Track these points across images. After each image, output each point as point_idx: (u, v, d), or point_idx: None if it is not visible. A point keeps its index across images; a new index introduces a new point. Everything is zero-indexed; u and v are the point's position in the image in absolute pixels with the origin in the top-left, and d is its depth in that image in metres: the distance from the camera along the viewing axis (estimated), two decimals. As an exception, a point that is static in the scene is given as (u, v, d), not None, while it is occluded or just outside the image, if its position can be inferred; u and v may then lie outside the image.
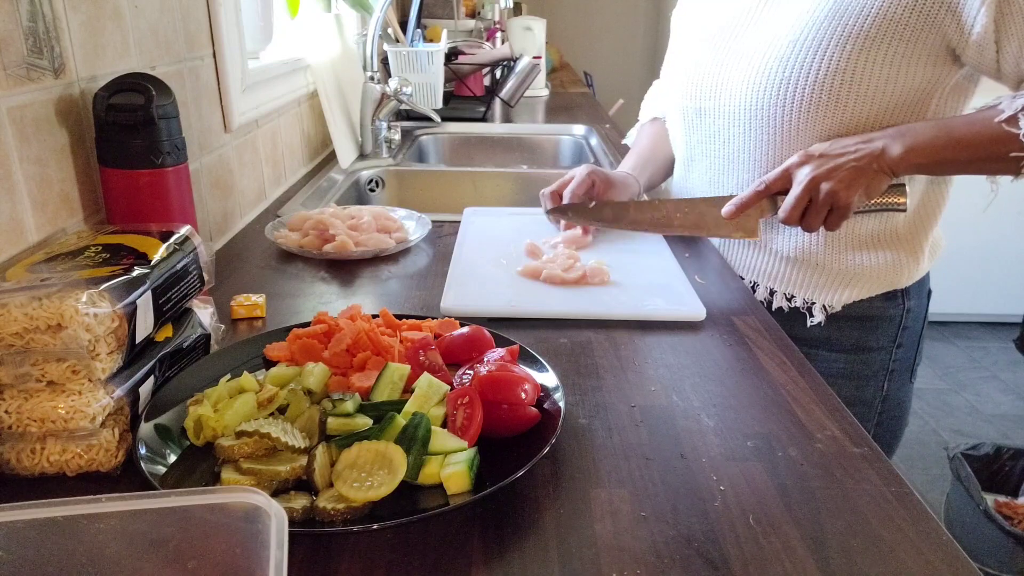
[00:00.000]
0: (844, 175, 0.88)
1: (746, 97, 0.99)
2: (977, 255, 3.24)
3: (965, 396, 2.83)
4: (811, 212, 0.91)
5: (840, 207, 0.89)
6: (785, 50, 0.94)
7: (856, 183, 0.88)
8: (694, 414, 0.68)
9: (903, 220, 1.00)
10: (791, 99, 0.94)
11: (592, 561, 0.50)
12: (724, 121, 1.03)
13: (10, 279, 0.58)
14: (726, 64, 1.02)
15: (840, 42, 0.90)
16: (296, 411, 0.61)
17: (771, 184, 0.94)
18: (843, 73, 0.91)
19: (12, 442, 0.56)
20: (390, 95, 1.69)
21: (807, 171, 0.90)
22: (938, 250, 1.08)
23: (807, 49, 0.92)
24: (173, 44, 0.99)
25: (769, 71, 0.96)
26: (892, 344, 1.06)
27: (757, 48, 0.98)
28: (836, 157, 0.89)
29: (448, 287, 0.93)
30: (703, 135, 1.08)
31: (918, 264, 1.03)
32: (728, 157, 1.05)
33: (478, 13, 3.26)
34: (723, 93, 1.02)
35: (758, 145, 1.00)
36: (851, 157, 0.89)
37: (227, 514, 0.42)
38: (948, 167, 0.91)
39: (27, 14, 0.70)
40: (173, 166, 0.81)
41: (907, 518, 0.55)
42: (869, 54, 0.90)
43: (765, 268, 1.07)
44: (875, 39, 0.89)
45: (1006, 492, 2.02)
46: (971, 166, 0.91)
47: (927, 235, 1.03)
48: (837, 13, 0.91)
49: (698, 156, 1.11)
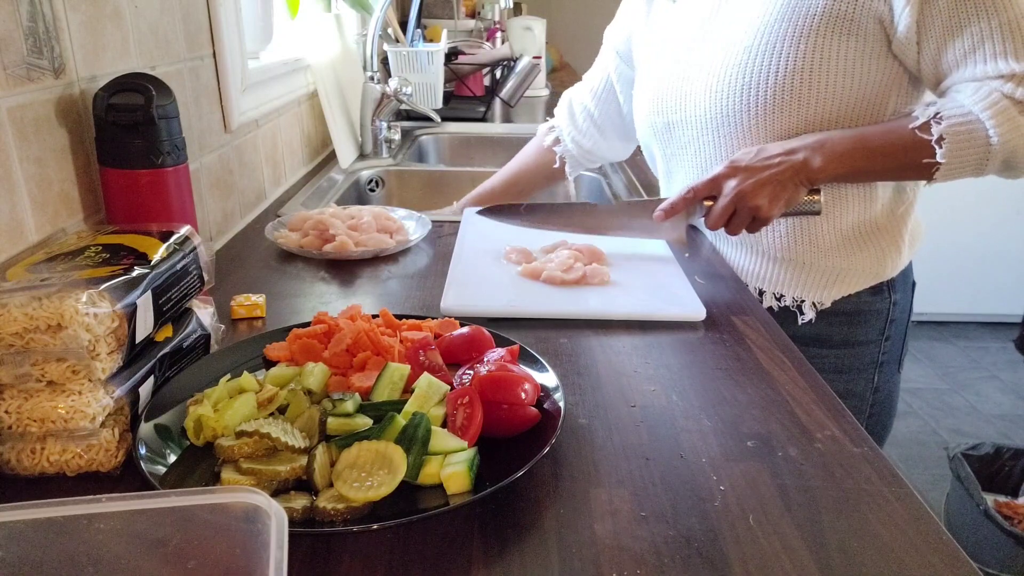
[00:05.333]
0: (768, 191, 0.93)
1: (711, 106, 1.01)
2: (977, 255, 3.24)
3: (965, 396, 2.83)
4: (735, 221, 0.96)
5: (762, 218, 0.94)
6: (742, 56, 0.97)
7: (778, 197, 0.93)
8: (694, 414, 0.68)
9: (880, 210, 1.02)
10: (754, 103, 0.97)
11: (592, 561, 0.50)
12: (693, 132, 1.05)
13: (10, 279, 0.58)
14: (687, 76, 1.04)
15: (793, 42, 0.93)
16: (296, 411, 0.61)
17: (699, 191, 0.98)
18: (800, 73, 0.93)
19: (12, 442, 0.56)
20: (390, 95, 1.69)
21: (733, 184, 0.94)
22: (918, 238, 1.11)
23: (763, 53, 0.95)
24: (173, 44, 0.99)
25: (729, 78, 0.98)
26: (880, 337, 1.08)
27: (715, 57, 1.00)
28: (760, 171, 0.93)
29: (448, 287, 0.93)
30: (675, 148, 1.11)
31: (900, 254, 1.06)
32: (702, 166, 1.07)
33: (478, 13, 3.26)
34: (687, 105, 1.04)
35: (728, 151, 1.02)
36: (774, 172, 0.93)
37: (227, 514, 0.42)
38: (867, 175, 0.96)
39: (27, 14, 0.70)
40: (173, 166, 0.81)
41: (907, 518, 0.55)
42: (822, 52, 0.92)
43: (753, 269, 1.08)
44: (825, 36, 0.92)
45: (1006, 492, 2.03)
46: (889, 174, 0.96)
47: (906, 224, 1.06)
48: (787, 15, 0.93)
49: (675, 169, 1.14)
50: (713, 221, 0.96)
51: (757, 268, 1.08)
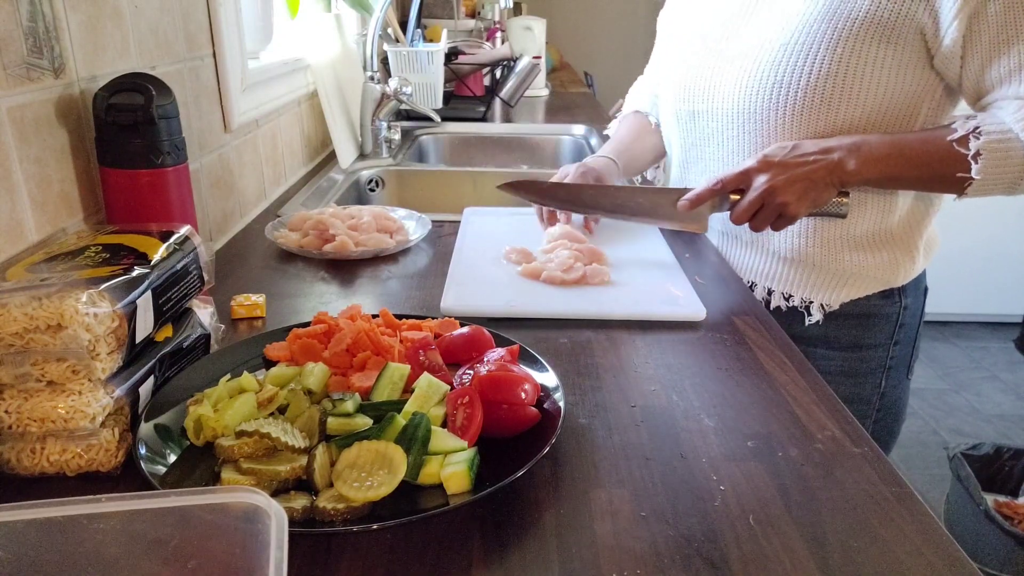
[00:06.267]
0: (798, 188, 0.90)
1: (738, 100, 1.00)
2: (977, 255, 3.23)
3: (965, 396, 2.83)
4: (760, 216, 0.93)
5: (789, 216, 0.92)
6: (776, 53, 0.95)
7: (807, 195, 0.91)
8: (694, 414, 0.68)
9: (897, 220, 1.01)
10: (783, 102, 0.96)
11: (592, 561, 0.50)
12: (717, 124, 1.04)
13: (10, 279, 0.58)
14: (718, 67, 1.03)
15: (830, 45, 0.91)
16: (296, 411, 0.61)
17: (727, 183, 0.95)
18: (834, 76, 0.92)
19: (12, 442, 0.56)
20: (390, 95, 1.69)
21: (764, 179, 0.92)
22: (933, 248, 1.09)
23: (798, 52, 0.93)
24: (173, 44, 0.99)
25: (761, 74, 0.97)
26: (889, 341, 1.07)
27: (749, 51, 0.99)
28: (793, 167, 0.91)
29: (448, 287, 0.93)
30: (697, 137, 1.09)
31: (913, 263, 1.04)
32: (722, 159, 1.06)
33: (478, 13, 3.26)
34: (715, 96, 1.03)
35: (752, 147, 1.01)
36: (808, 169, 0.91)
37: (227, 514, 0.42)
38: (899, 183, 0.94)
39: (27, 14, 0.70)
40: (173, 166, 0.81)
41: (907, 518, 0.55)
42: (859, 57, 0.91)
43: (762, 268, 1.08)
44: (864, 41, 0.90)
45: (1006, 492, 2.02)
46: (920, 184, 0.94)
47: (921, 234, 1.04)
48: (827, 16, 0.92)
49: (693, 159, 1.12)
50: (738, 215, 0.94)
51: (767, 267, 1.07)
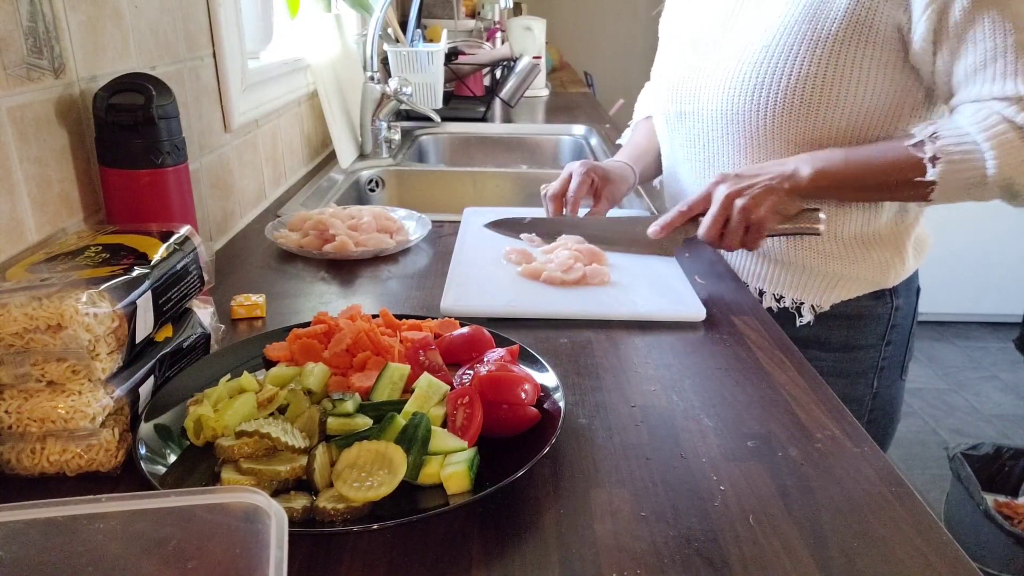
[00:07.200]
0: (756, 192, 0.92)
1: (722, 102, 1.01)
2: (977, 255, 3.24)
3: (965, 396, 2.83)
4: (729, 230, 0.94)
5: (754, 223, 0.92)
6: (759, 55, 0.96)
7: (766, 200, 0.91)
8: (694, 414, 0.68)
9: (884, 222, 1.02)
10: (765, 104, 0.96)
11: (592, 561, 0.50)
12: (703, 125, 1.05)
13: (10, 279, 0.58)
14: (704, 69, 1.04)
15: (811, 47, 0.92)
16: (296, 411, 0.61)
17: (694, 206, 0.97)
18: (814, 78, 0.93)
19: (12, 442, 0.56)
20: (390, 95, 1.69)
21: (723, 190, 0.93)
22: (924, 248, 1.10)
23: (779, 54, 0.94)
24: (173, 44, 0.99)
25: (743, 76, 0.98)
26: (881, 342, 1.07)
27: (733, 53, 1.00)
28: (750, 178, 0.93)
29: (448, 287, 0.93)
30: (684, 138, 1.10)
31: (904, 264, 1.05)
32: (708, 160, 1.07)
33: (478, 13, 3.26)
34: (701, 97, 1.04)
35: (735, 149, 1.02)
36: (764, 177, 0.93)
37: (227, 514, 0.42)
38: (860, 191, 0.95)
39: (27, 14, 0.70)
40: (173, 166, 0.81)
41: (907, 518, 0.55)
42: (840, 58, 0.91)
43: (753, 269, 1.08)
44: (844, 42, 0.91)
45: (1006, 492, 2.03)
46: (882, 191, 0.94)
47: (910, 235, 1.05)
48: (807, 17, 0.92)
49: (681, 159, 1.13)
50: (706, 230, 0.94)
51: (758, 268, 1.08)
